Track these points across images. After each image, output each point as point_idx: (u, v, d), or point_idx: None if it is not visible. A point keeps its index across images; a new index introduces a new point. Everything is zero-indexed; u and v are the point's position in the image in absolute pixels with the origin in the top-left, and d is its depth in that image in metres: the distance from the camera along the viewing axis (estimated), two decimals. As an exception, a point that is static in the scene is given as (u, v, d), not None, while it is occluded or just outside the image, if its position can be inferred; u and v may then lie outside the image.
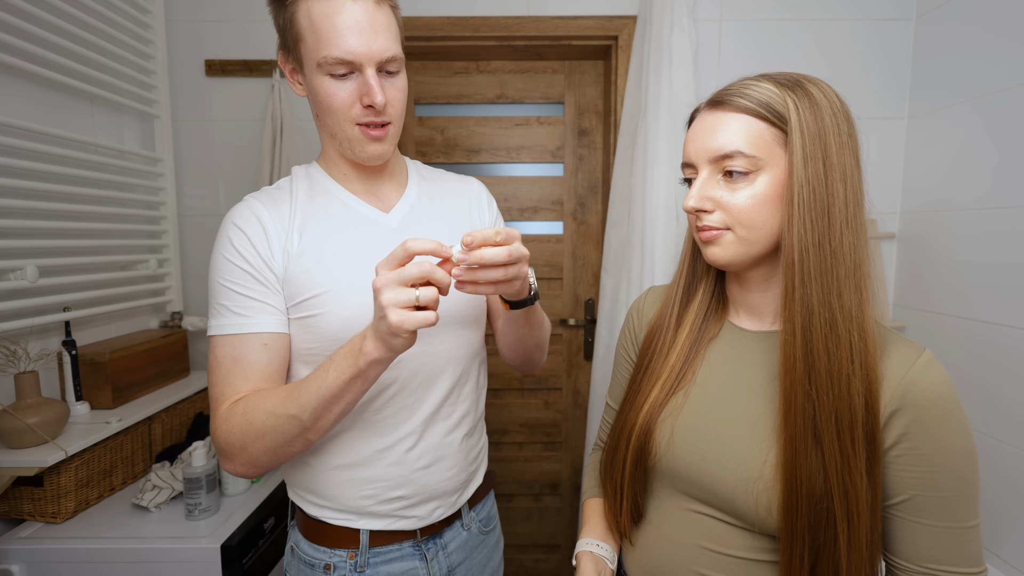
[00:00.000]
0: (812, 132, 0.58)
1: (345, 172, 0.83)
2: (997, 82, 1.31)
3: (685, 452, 0.66)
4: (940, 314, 1.47)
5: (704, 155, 0.62)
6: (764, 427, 0.62)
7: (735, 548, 0.64)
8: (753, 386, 0.65)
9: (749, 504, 0.60)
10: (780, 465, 0.59)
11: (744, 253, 0.63)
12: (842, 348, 0.57)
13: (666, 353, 0.72)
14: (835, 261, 0.58)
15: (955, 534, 0.57)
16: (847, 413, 0.56)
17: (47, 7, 1.22)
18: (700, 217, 0.64)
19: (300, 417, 0.67)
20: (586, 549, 0.74)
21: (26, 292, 1.20)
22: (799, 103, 0.59)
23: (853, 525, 0.57)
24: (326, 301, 0.75)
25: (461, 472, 0.86)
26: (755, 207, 0.60)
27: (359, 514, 0.81)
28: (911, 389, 0.57)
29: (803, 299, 0.58)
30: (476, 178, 0.99)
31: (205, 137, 1.66)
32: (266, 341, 0.74)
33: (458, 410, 0.85)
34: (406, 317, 0.58)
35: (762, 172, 0.60)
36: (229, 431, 0.70)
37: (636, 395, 0.72)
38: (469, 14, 1.62)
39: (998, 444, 1.29)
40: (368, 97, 0.72)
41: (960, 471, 0.57)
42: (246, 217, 0.76)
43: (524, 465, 1.93)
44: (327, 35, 0.69)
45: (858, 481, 0.56)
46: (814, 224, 0.58)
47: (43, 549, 1.07)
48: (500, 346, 0.95)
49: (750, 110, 0.60)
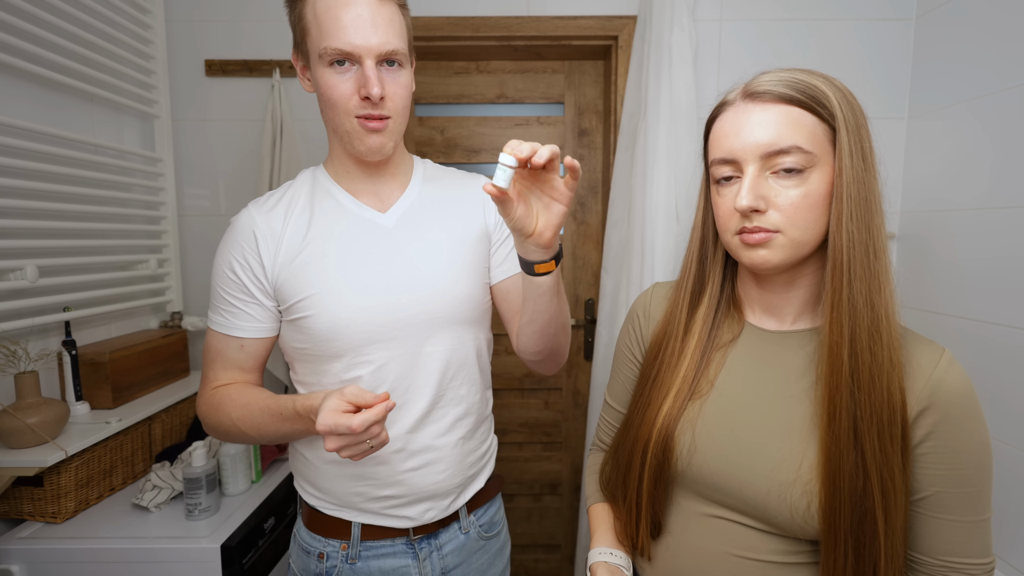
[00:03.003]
0: (853, 127, 0.57)
1: (349, 170, 0.83)
2: (997, 82, 1.31)
3: (711, 459, 0.63)
4: (940, 314, 1.47)
5: (753, 150, 0.57)
6: (795, 430, 0.61)
7: (760, 552, 0.62)
8: (777, 388, 0.64)
9: (783, 509, 0.59)
10: (821, 467, 0.57)
11: (793, 256, 0.59)
12: (884, 347, 0.57)
13: (676, 362, 0.69)
14: (876, 260, 0.57)
15: (971, 527, 0.58)
16: (887, 411, 0.56)
17: (47, 7, 1.22)
18: (751, 218, 0.59)
19: (257, 439, 0.81)
20: (600, 560, 0.70)
21: (26, 292, 1.20)
22: (838, 97, 0.57)
23: (891, 521, 0.56)
24: (315, 303, 0.77)
25: (456, 475, 0.85)
26: (809, 206, 0.57)
27: (351, 507, 0.83)
28: (938, 388, 0.57)
29: (850, 300, 0.57)
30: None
31: (205, 137, 1.66)
32: (243, 344, 0.82)
33: (452, 412, 0.84)
34: (357, 453, 0.66)
35: (814, 169, 0.57)
36: (207, 413, 0.83)
37: (646, 407, 0.69)
38: (469, 14, 1.62)
39: (998, 444, 1.29)
40: (365, 89, 0.73)
41: (980, 467, 0.57)
42: (243, 229, 0.81)
43: (524, 465, 1.93)
44: (329, 27, 0.72)
45: (897, 478, 0.56)
46: (860, 223, 0.56)
47: (43, 549, 1.07)
48: (523, 342, 0.86)
49: (799, 101, 0.57)
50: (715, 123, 0.63)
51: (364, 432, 0.63)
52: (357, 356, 0.79)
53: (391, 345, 0.79)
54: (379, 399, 0.65)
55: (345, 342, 0.78)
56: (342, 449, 0.64)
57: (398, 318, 0.79)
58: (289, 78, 1.63)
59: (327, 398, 0.66)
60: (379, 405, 0.64)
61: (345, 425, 0.62)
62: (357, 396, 0.65)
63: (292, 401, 0.73)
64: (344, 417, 0.63)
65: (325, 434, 0.64)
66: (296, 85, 1.64)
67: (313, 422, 0.69)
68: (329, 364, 0.80)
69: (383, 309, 0.79)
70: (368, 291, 0.78)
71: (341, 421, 0.62)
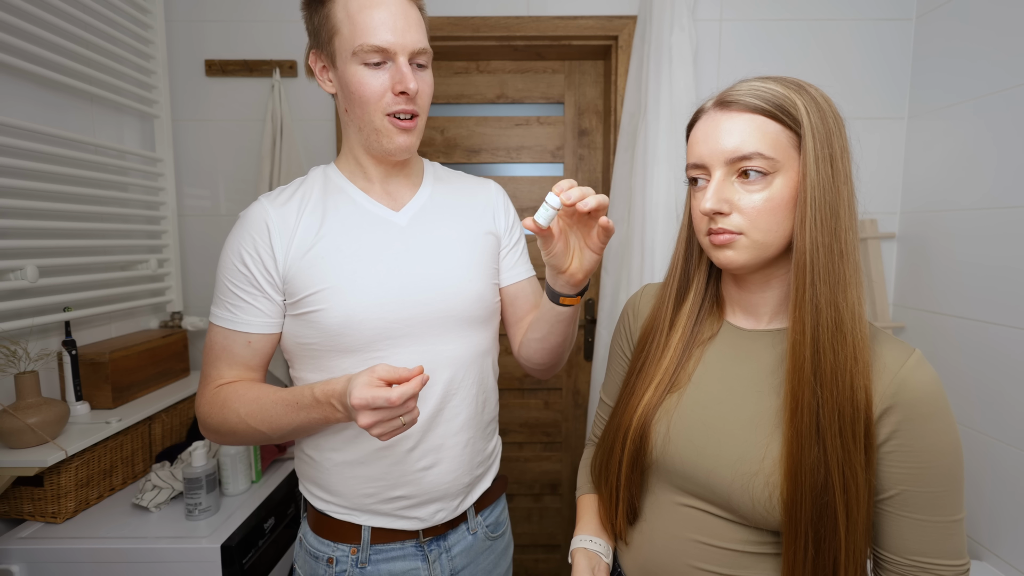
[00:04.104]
0: (821, 135, 0.59)
1: (366, 169, 0.84)
2: (997, 82, 1.31)
3: (681, 449, 0.67)
4: (939, 314, 1.47)
5: (719, 156, 0.61)
6: (761, 424, 0.63)
7: (726, 541, 0.65)
8: (749, 384, 0.66)
9: (745, 499, 0.61)
10: (784, 461, 0.60)
11: (757, 257, 0.62)
12: (847, 346, 0.58)
13: (659, 356, 0.72)
14: (842, 262, 0.59)
15: (941, 528, 0.59)
16: (849, 408, 0.58)
17: (47, 7, 1.22)
18: (716, 220, 0.62)
19: (268, 434, 0.77)
20: (580, 546, 0.75)
21: (26, 292, 1.20)
22: (808, 106, 0.60)
23: (852, 517, 0.58)
24: (327, 297, 0.77)
25: (465, 475, 0.85)
26: (772, 209, 0.60)
27: (362, 510, 0.82)
28: (902, 387, 0.59)
29: (812, 300, 0.59)
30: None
31: (205, 137, 1.66)
32: (250, 340, 0.80)
33: (463, 411, 0.84)
34: (389, 431, 0.64)
35: (778, 174, 0.60)
36: (209, 413, 0.79)
37: (630, 397, 0.73)
38: (469, 14, 1.62)
39: (996, 443, 1.30)
40: (401, 84, 0.75)
41: (947, 467, 0.59)
42: (255, 220, 0.79)
43: (524, 465, 1.93)
44: (364, 26, 0.73)
45: (859, 474, 0.58)
46: (824, 226, 0.59)
47: (43, 549, 1.07)
48: (528, 351, 0.90)
49: (764, 111, 0.60)
50: (692, 129, 0.67)
51: (401, 406, 0.62)
52: (369, 352, 0.78)
53: (403, 342, 0.79)
54: (413, 372, 0.64)
55: (356, 338, 0.77)
56: (374, 426, 0.63)
57: (411, 315, 0.79)
58: (289, 78, 1.63)
59: (356, 376, 0.65)
60: (415, 379, 0.63)
61: (384, 398, 0.61)
62: (390, 372, 0.64)
63: (310, 388, 0.72)
64: (382, 390, 0.61)
65: (360, 408, 0.62)
66: (296, 85, 1.64)
67: (334, 407, 0.68)
68: (337, 360, 0.79)
69: (396, 306, 0.79)
70: (382, 287, 0.78)
71: (379, 394, 0.61)
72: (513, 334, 0.94)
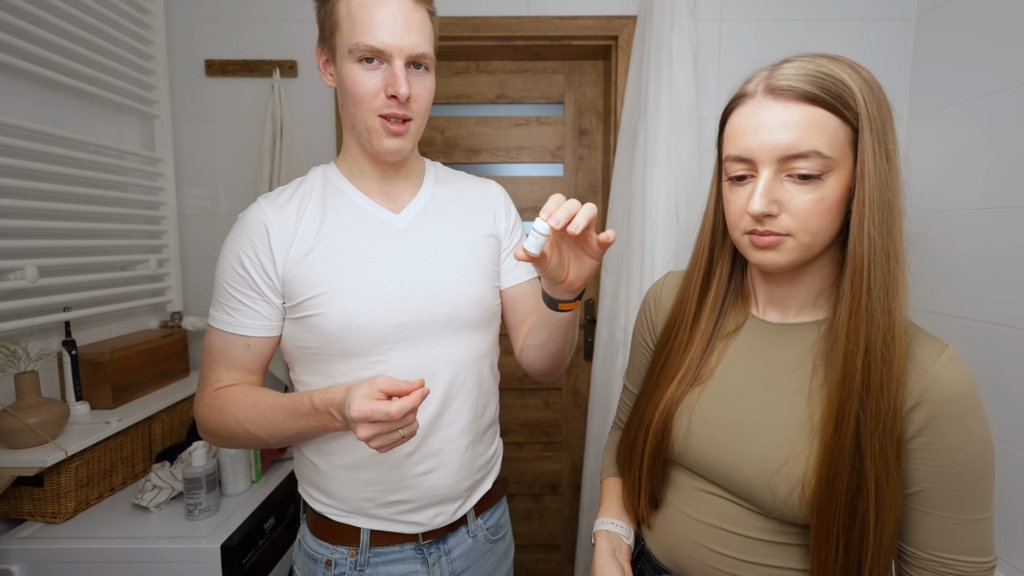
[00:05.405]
0: (878, 125, 0.55)
1: (363, 169, 0.83)
2: (997, 82, 1.31)
3: (704, 443, 0.66)
4: (939, 314, 1.47)
5: (770, 152, 0.56)
6: (786, 421, 0.62)
7: (747, 529, 0.64)
8: (772, 379, 0.65)
9: (766, 495, 0.60)
10: (819, 468, 0.57)
11: (801, 258, 0.59)
12: (896, 356, 0.55)
13: (683, 350, 0.71)
14: (896, 265, 0.55)
15: (965, 525, 0.57)
16: (891, 418, 0.55)
17: (47, 7, 1.22)
18: (764, 222, 0.58)
19: (266, 440, 0.77)
20: (602, 528, 0.76)
21: (26, 292, 1.20)
22: (864, 92, 0.55)
23: (881, 520, 0.57)
24: (326, 301, 0.76)
25: (464, 480, 0.85)
26: (824, 211, 0.56)
27: (360, 513, 0.82)
28: (932, 385, 0.56)
29: (867, 307, 0.55)
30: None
31: (205, 137, 1.66)
32: (249, 343, 0.79)
33: (463, 415, 0.83)
34: (387, 444, 0.64)
35: (832, 174, 0.55)
36: (207, 417, 0.79)
37: (653, 390, 0.72)
38: (469, 14, 1.62)
39: (1000, 444, 1.29)
40: (392, 87, 0.73)
41: (974, 467, 0.56)
42: (253, 222, 0.79)
43: (524, 465, 1.93)
44: (362, 24, 0.72)
45: (894, 480, 0.56)
46: (881, 227, 0.55)
47: (43, 549, 1.07)
48: (529, 357, 0.89)
49: (821, 100, 0.54)
50: (732, 115, 0.61)
51: (401, 420, 0.61)
52: (368, 357, 0.78)
53: (403, 346, 0.79)
54: (414, 386, 0.63)
55: (355, 342, 0.77)
56: (373, 439, 0.62)
57: (411, 319, 0.79)
58: (289, 78, 1.63)
59: (355, 387, 0.64)
60: (415, 392, 0.62)
61: (383, 412, 0.60)
62: (390, 384, 0.63)
63: (308, 396, 0.71)
64: (381, 404, 0.61)
65: (359, 422, 0.61)
66: (296, 85, 1.64)
67: (332, 416, 0.68)
68: (337, 364, 0.78)
69: (396, 310, 0.78)
70: (382, 291, 0.78)
71: (379, 407, 0.60)
72: (515, 337, 0.93)
